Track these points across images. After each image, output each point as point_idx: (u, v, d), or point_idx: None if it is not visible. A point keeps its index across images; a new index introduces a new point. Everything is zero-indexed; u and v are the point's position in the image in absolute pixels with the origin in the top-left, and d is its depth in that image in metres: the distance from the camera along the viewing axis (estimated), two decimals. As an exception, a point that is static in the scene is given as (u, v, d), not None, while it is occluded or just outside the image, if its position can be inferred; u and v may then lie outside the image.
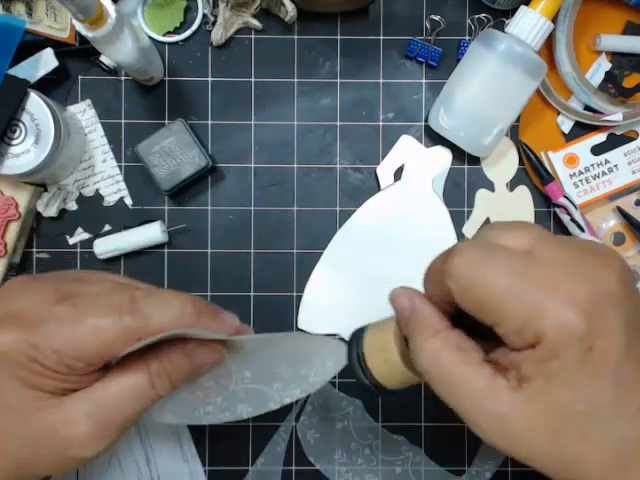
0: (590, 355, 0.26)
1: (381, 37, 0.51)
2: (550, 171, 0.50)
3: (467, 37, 0.51)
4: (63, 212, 0.50)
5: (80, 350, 0.31)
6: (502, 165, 0.51)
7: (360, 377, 0.34)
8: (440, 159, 0.50)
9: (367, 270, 0.50)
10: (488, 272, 0.27)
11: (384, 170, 0.50)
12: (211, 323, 0.34)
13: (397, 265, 0.50)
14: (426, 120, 0.51)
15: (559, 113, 0.50)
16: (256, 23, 0.50)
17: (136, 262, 0.50)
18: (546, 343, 0.26)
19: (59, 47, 0.47)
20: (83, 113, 0.50)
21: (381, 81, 0.51)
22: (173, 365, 0.34)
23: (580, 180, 0.51)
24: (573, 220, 0.49)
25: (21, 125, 0.44)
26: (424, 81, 0.51)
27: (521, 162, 0.51)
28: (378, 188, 0.51)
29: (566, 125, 0.51)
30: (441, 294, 0.30)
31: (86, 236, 0.50)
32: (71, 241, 0.50)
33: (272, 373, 0.38)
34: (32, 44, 0.47)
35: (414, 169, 0.50)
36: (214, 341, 0.35)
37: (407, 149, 0.50)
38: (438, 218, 0.50)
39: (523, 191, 0.51)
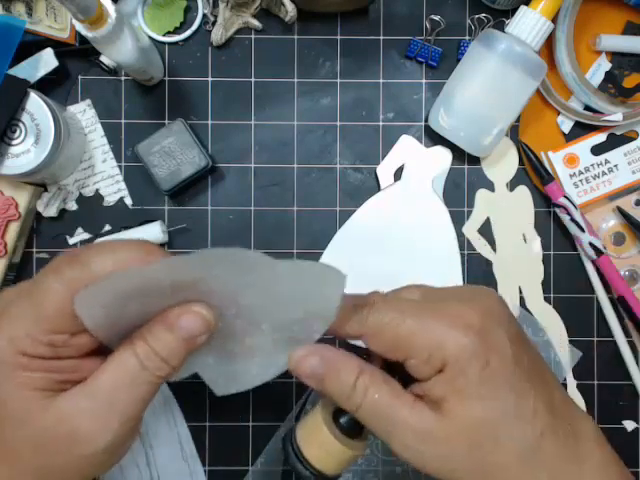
0: (488, 369, 0.30)
1: (381, 37, 0.51)
2: (550, 171, 0.50)
3: (467, 37, 0.51)
4: (63, 212, 0.50)
5: (45, 321, 0.30)
6: (502, 165, 0.51)
7: (302, 473, 0.34)
8: (440, 159, 0.50)
9: (367, 270, 0.50)
10: (395, 316, 0.32)
11: (384, 170, 0.50)
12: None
13: (397, 265, 0.50)
14: (426, 120, 0.51)
15: (559, 113, 0.50)
16: (256, 23, 0.50)
17: (136, 262, 0.50)
18: (451, 365, 0.30)
19: (59, 47, 0.47)
20: (83, 113, 0.50)
21: (381, 81, 0.51)
22: (159, 342, 0.31)
23: (580, 180, 0.51)
24: (573, 220, 0.49)
25: (21, 125, 0.44)
26: (424, 81, 0.51)
27: (521, 162, 0.51)
28: (378, 188, 0.51)
29: (566, 125, 0.51)
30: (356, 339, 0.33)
31: (86, 236, 0.50)
32: (71, 241, 0.50)
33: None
34: (32, 44, 0.47)
35: (414, 169, 0.50)
36: (197, 304, 0.32)
37: (407, 149, 0.50)
38: (438, 218, 0.50)
39: (523, 191, 0.51)
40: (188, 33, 0.50)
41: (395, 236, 0.50)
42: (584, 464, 0.32)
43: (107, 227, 0.50)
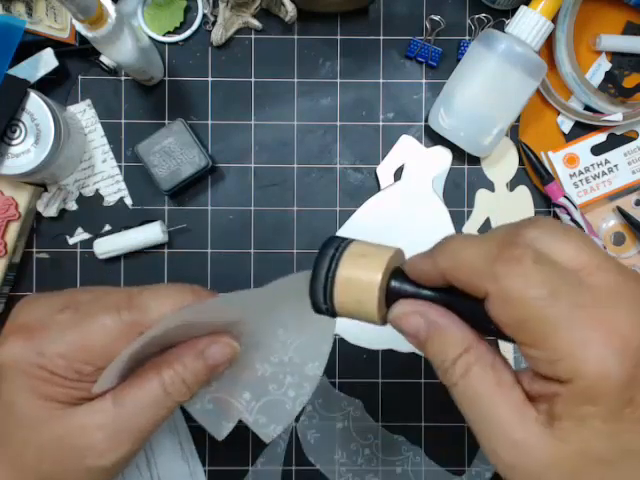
0: (630, 407, 0.24)
1: (381, 37, 0.51)
2: (550, 171, 0.50)
3: (467, 37, 0.51)
4: (63, 212, 0.50)
5: (84, 351, 0.31)
6: (502, 165, 0.51)
7: (319, 302, 0.30)
8: (440, 159, 0.50)
9: None
10: (543, 294, 0.24)
11: (384, 170, 0.50)
12: None
13: None
14: (426, 120, 0.51)
15: (559, 113, 0.50)
16: (256, 23, 0.50)
17: (136, 262, 0.50)
18: (582, 385, 0.24)
19: (59, 47, 0.47)
20: (83, 113, 0.50)
21: (381, 81, 0.51)
22: (186, 369, 0.33)
23: (580, 180, 0.51)
24: (573, 220, 0.49)
25: (21, 125, 0.44)
26: (424, 81, 0.51)
27: (521, 162, 0.51)
28: (378, 188, 0.51)
29: (566, 125, 0.51)
30: (471, 289, 0.26)
31: (86, 236, 0.50)
32: (71, 241, 0.50)
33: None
34: (32, 44, 0.47)
35: (414, 169, 0.50)
36: (224, 335, 0.34)
37: (407, 149, 0.50)
38: (438, 218, 0.50)
39: (523, 191, 0.51)
40: (188, 33, 0.50)
41: (395, 236, 0.50)
42: None
43: (107, 227, 0.50)
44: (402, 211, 0.50)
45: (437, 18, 0.50)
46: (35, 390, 0.31)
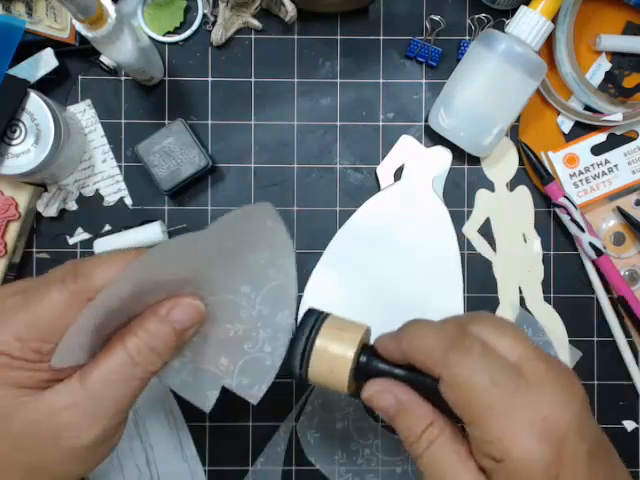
0: None
1: (381, 37, 0.51)
2: (550, 171, 0.50)
3: (467, 37, 0.51)
4: (63, 212, 0.50)
5: (36, 328, 0.30)
6: (502, 165, 0.51)
7: (294, 367, 0.34)
8: (440, 159, 0.50)
9: (367, 270, 0.50)
10: (484, 382, 0.29)
11: (384, 170, 0.50)
12: None
13: (397, 265, 0.50)
14: (426, 120, 0.51)
15: (559, 113, 0.50)
16: (256, 23, 0.50)
17: (136, 262, 0.50)
18: (511, 466, 0.28)
19: (59, 47, 0.47)
20: (83, 113, 0.50)
21: (381, 81, 0.51)
22: (152, 335, 0.32)
23: (580, 180, 0.51)
24: (573, 220, 0.49)
25: (21, 125, 0.44)
26: (424, 81, 0.51)
27: (521, 162, 0.51)
28: (378, 188, 0.51)
29: (566, 125, 0.51)
30: (427, 371, 0.31)
31: (86, 236, 0.50)
32: (71, 241, 0.50)
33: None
34: (32, 44, 0.47)
35: (414, 169, 0.50)
36: (187, 296, 0.33)
37: (407, 149, 0.50)
38: (438, 218, 0.50)
39: (523, 191, 0.51)
40: (188, 33, 0.50)
41: (395, 236, 0.50)
42: None
43: (107, 227, 0.50)
44: (402, 211, 0.50)
45: (437, 18, 0.50)
46: (0, 380, 0.30)
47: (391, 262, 0.50)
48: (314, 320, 0.34)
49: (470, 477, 0.30)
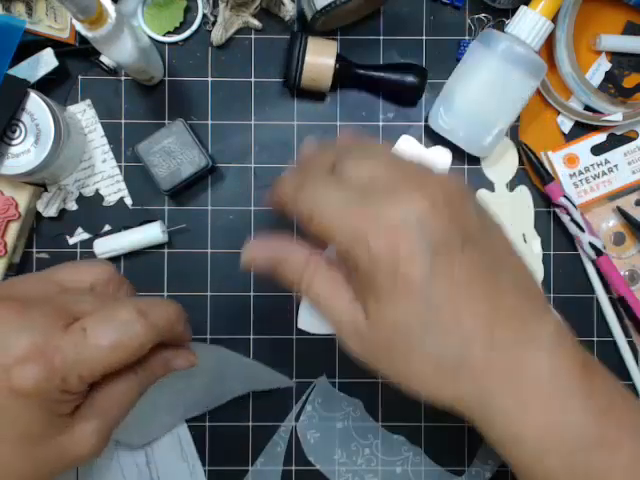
0: (398, 278, 0.29)
1: (381, 37, 0.51)
2: (550, 171, 0.50)
3: (467, 37, 0.51)
4: (63, 212, 0.50)
5: (102, 370, 0.32)
6: (502, 165, 0.51)
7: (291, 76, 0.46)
8: (440, 159, 0.50)
9: None
10: (328, 204, 0.30)
11: None
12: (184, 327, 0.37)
13: None
14: (426, 120, 0.51)
15: (559, 113, 0.51)
16: (256, 23, 0.50)
17: (136, 262, 0.50)
18: (361, 269, 0.29)
19: (59, 47, 0.47)
20: (83, 113, 0.50)
21: (381, 81, 0.51)
22: (154, 368, 0.36)
23: (580, 180, 0.51)
24: (573, 220, 0.49)
25: (21, 125, 0.44)
26: (424, 81, 0.51)
27: (521, 162, 0.51)
28: None
29: (566, 125, 0.51)
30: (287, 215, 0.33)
31: (86, 236, 0.50)
32: (71, 241, 0.50)
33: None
34: (32, 44, 0.47)
35: None
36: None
37: (407, 149, 0.50)
38: None
39: (523, 191, 0.51)
40: (188, 33, 0.50)
41: None
42: (523, 373, 0.29)
43: (107, 227, 0.50)
44: None
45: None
46: (48, 410, 0.32)
47: None
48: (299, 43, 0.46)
49: (346, 302, 0.32)
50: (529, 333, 0.30)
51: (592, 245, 0.49)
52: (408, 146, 0.50)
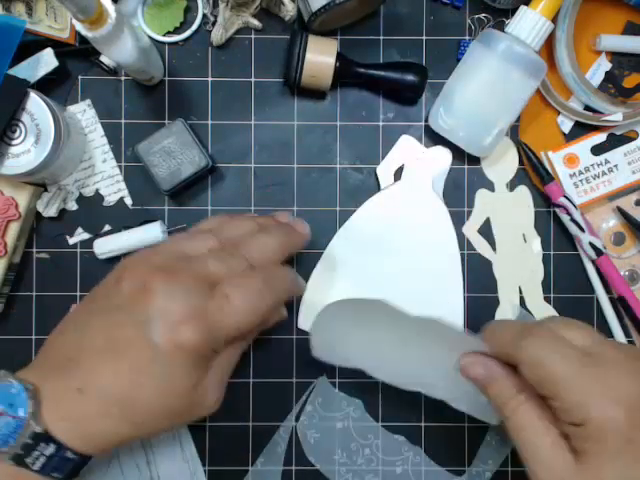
0: (631, 445, 0.31)
1: (381, 37, 0.51)
2: (550, 171, 0.50)
3: (467, 37, 0.51)
4: (63, 212, 0.50)
5: (239, 331, 0.37)
6: (502, 165, 0.51)
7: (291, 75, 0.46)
8: (440, 159, 0.50)
9: (367, 270, 0.50)
10: (557, 358, 0.33)
11: (384, 170, 0.50)
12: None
13: (397, 265, 0.50)
14: (426, 120, 0.51)
15: (559, 113, 0.50)
16: (256, 23, 0.50)
17: (136, 262, 0.50)
18: (591, 427, 0.31)
19: (59, 47, 0.47)
20: (83, 113, 0.50)
21: (381, 81, 0.51)
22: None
23: (580, 180, 0.51)
24: (573, 220, 0.49)
25: (21, 125, 0.44)
26: (424, 81, 0.51)
27: (521, 162, 0.51)
28: (378, 188, 0.51)
29: (566, 125, 0.51)
30: (507, 359, 0.36)
31: (86, 236, 0.50)
32: (71, 241, 0.50)
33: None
34: (32, 44, 0.47)
35: (414, 169, 0.50)
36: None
37: (407, 149, 0.50)
38: (438, 218, 0.50)
39: (523, 191, 0.51)
40: (188, 33, 0.50)
41: (395, 236, 0.50)
42: None
43: (107, 227, 0.50)
44: (402, 211, 0.50)
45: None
46: (197, 366, 0.37)
47: (391, 262, 0.50)
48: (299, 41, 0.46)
49: (552, 439, 0.33)
50: None
51: (592, 245, 0.49)
52: (408, 146, 0.50)
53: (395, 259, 0.50)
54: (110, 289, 0.38)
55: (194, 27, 0.50)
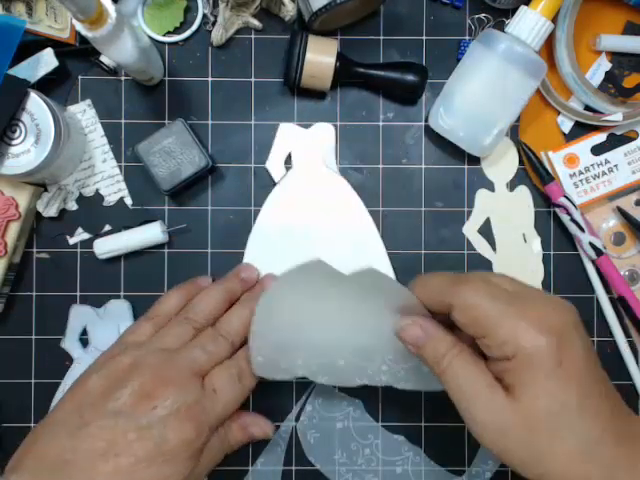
0: (560, 369, 0.34)
1: (381, 37, 0.51)
2: (550, 171, 0.50)
3: (467, 37, 0.51)
4: (63, 212, 0.50)
5: (230, 414, 0.42)
6: (502, 165, 0.51)
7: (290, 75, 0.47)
8: (324, 135, 0.50)
9: (289, 261, 0.48)
10: (488, 299, 0.36)
11: (273, 163, 0.50)
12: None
13: (318, 249, 0.49)
14: (426, 120, 0.51)
15: (559, 113, 0.51)
16: (256, 23, 0.50)
17: (136, 262, 0.50)
18: (521, 358, 0.34)
19: (59, 47, 0.47)
20: (83, 113, 0.50)
21: (381, 81, 0.51)
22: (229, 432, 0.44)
23: (580, 180, 0.51)
24: (573, 220, 0.49)
25: (21, 125, 0.44)
26: (424, 81, 0.51)
27: (521, 162, 0.51)
28: (273, 183, 0.50)
29: (566, 125, 0.51)
30: (439, 307, 0.38)
31: (86, 236, 0.50)
32: (71, 241, 0.50)
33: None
34: (32, 44, 0.47)
35: (301, 153, 0.50)
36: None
37: (289, 136, 0.50)
38: (339, 191, 0.49)
39: (523, 191, 0.51)
40: (188, 33, 0.50)
41: (306, 222, 0.49)
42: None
43: (107, 227, 0.50)
44: (303, 196, 0.49)
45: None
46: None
47: (311, 248, 0.49)
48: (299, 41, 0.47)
49: (487, 382, 0.35)
50: (634, 429, 0.36)
51: (592, 245, 0.49)
52: (289, 133, 0.50)
53: (313, 244, 0.49)
54: (104, 395, 0.39)
55: (194, 27, 0.50)
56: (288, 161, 0.50)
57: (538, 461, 0.34)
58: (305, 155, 0.50)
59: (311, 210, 0.49)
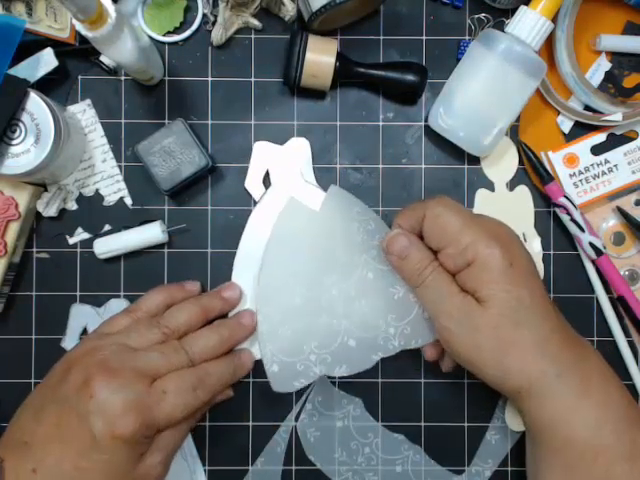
0: (512, 268, 0.40)
1: (381, 37, 0.51)
2: (550, 171, 0.50)
3: (467, 37, 0.51)
4: (63, 212, 0.50)
5: (173, 422, 0.42)
6: (502, 165, 0.51)
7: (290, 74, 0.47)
8: (299, 149, 0.50)
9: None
10: (453, 212, 0.42)
11: (252, 183, 0.50)
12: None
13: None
14: (426, 120, 0.51)
15: (559, 113, 0.51)
16: (256, 23, 0.50)
17: (136, 262, 0.50)
18: (480, 261, 0.40)
19: (59, 47, 0.47)
20: (83, 113, 0.50)
21: (381, 81, 0.51)
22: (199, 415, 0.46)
23: (580, 180, 0.51)
24: (573, 220, 0.49)
25: (21, 125, 0.44)
26: (424, 81, 0.51)
27: (521, 162, 0.51)
28: (253, 203, 0.50)
29: (566, 125, 0.51)
30: (415, 223, 0.43)
31: (86, 236, 0.50)
32: (71, 241, 0.50)
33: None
34: (32, 44, 0.47)
35: (279, 170, 0.49)
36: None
37: (265, 154, 0.50)
38: (321, 201, 0.48)
39: (523, 191, 0.51)
40: (188, 33, 0.50)
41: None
42: (586, 362, 0.41)
43: (107, 227, 0.50)
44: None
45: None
46: (135, 452, 0.41)
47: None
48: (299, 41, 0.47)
49: (459, 290, 0.41)
50: (578, 337, 0.42)
51: (592, 245, 0.49)
52: (264, 150, 0.50)
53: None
54: (60, 379, 0.41)
55: (194, 27, 0.50)
56: (267, 179, 0.50)
57: (502, 351, 0.39)
58: (283, 171, 0.50)
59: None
